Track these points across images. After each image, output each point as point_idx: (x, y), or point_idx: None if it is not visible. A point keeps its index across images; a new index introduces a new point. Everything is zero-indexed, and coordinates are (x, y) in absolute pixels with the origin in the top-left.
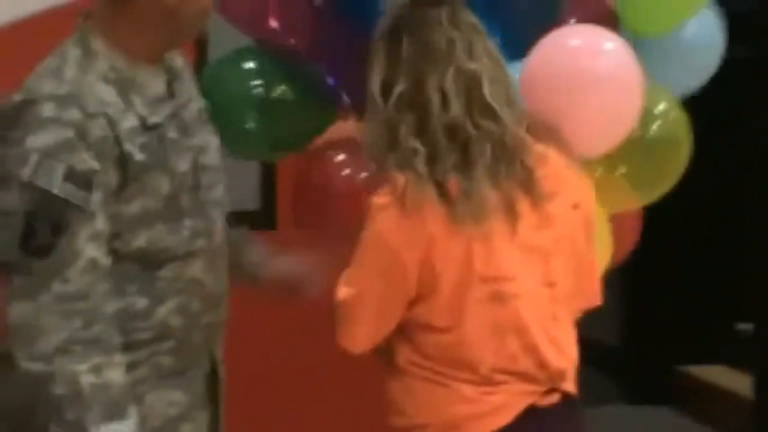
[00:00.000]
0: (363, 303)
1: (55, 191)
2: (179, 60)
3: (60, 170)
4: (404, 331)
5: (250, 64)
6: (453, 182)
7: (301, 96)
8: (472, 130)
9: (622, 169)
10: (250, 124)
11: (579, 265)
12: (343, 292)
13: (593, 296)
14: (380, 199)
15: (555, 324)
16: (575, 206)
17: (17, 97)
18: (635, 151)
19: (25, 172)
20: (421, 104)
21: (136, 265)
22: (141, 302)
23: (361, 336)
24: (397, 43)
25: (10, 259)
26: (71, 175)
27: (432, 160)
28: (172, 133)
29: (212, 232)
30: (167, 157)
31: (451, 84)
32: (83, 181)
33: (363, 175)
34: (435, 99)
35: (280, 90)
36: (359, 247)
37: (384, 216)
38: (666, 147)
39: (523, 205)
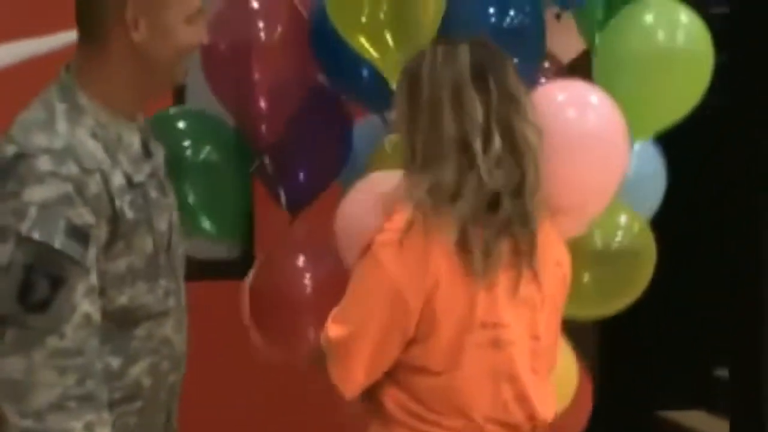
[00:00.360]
0: (360, 342)
1: (56, 245)
2: (141, 117)
3: (60, 225)
4: (393, 373)
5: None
6: (474, 232)
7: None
8: (503, 180)
9: (586, 278)
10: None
11: (557, 323)
12: (336, 330)
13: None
14: (385, 236)
15: (536, 377)
16: (557, 264)
17: (8, 150)
18: (599, 262)
19: (24, 226)
20: (465, 145)
21: (113, 324)
22: (115, 362)
23: (357, 376)
24: (481, 83)
25: (5, 312)
26: (70, 230)
27: (456, 201)
28: (153, 192)
29: (180, 291)
30: (151, 216)
31: (495, 127)
32: (81, 235)
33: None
34: (478, 142)
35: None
36: (356, 283)
37: (389, 254)
38: (630, 259)
39: (524, 260)
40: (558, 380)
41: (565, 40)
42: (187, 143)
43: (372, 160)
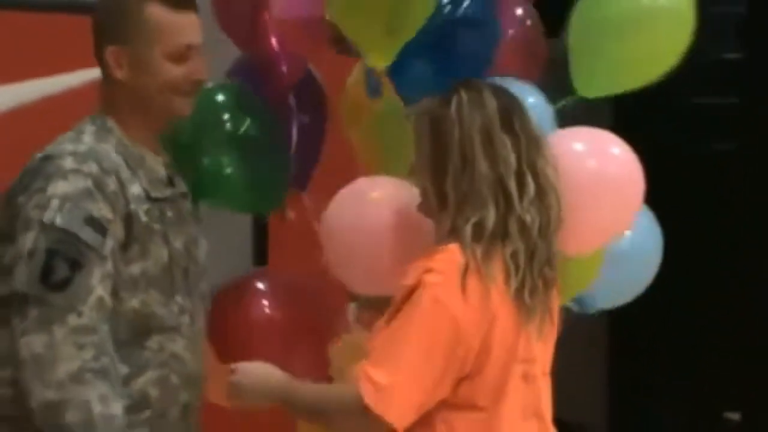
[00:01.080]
0: (416, 383)
1: (75, 231)
2: (164, 155)
3: (80, 215)
4: (434, 411)
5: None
6: (522, 273)
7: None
8: (537, 222)
9: None
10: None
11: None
12: (385, 375)
13: None
14: (438, 277)
15: (549, 413)
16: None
17: (38, 156)
18: None
19: (48, 215)
20: (502, 187)
21: (127, 331)
22: (122, 369)
23: (410, 417)
24: (509, 127)
25: (29, 292)
26: (89, 220)
27: (505, 243)
28: (169, 212)
29: (196, 315)
30: (167, 231)
31: (527, 170)
32: (99, 226)
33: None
34: (513, 185)
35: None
36: (407, 324)
37: (450, 295)
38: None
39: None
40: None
41: None
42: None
43: None
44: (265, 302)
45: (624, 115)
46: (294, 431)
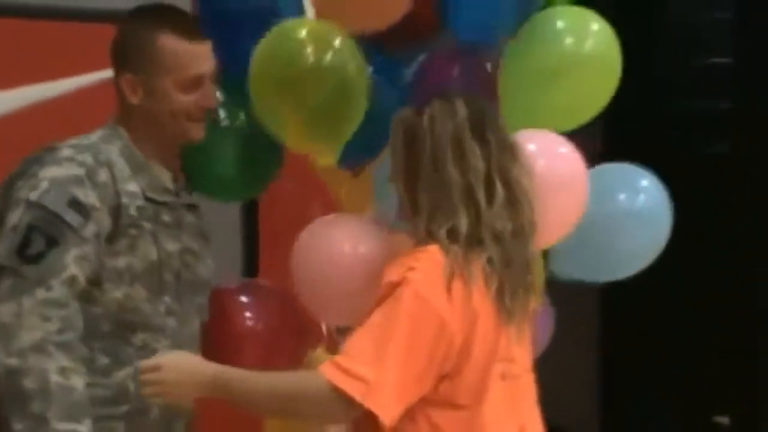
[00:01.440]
0: (399, 377)
1: (57, 210)
2: (177, 171)
3: (65, 197)
4: (416, 408)
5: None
6: (501, 276)
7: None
8: (510, 227)
9: None
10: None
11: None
12: (370, 371)
13: None
14: (421, 275)
15: (535, 411)
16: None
17: (44, 147)
18: None
19: (34, 194)
20: (470, 194)
21: (110, 324)
22: (103, 360)
23: (397, 410)
24: (479, 134)
25: (5, 264)
26: (74, 203)
27: (482, 249)
28: (166, 217)
29: (186, 320)
30: (158, 231)
31: (496, 176)
32: (83, 210)
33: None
34: (481, 192)
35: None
36: (390, 320)
37: (433, 293)
38: None
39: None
40: None
41: None
42: None
43: None
44: (249, 313)
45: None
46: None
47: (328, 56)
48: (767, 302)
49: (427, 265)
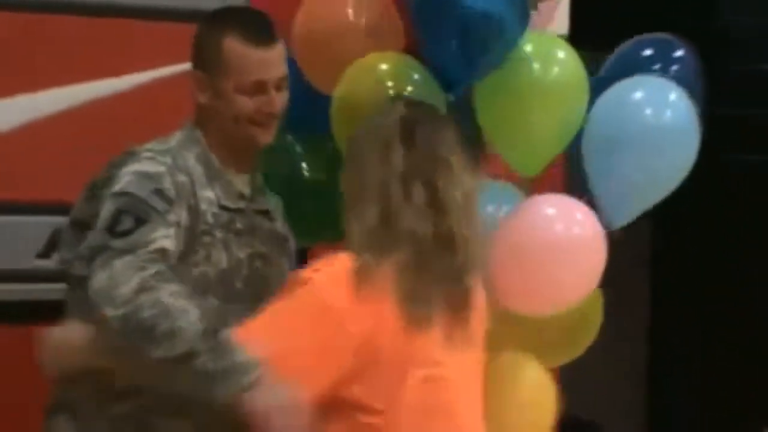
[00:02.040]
0: (295, 353)
1: (143, 196)
2: (255, 174)
3: (149, 186)
4: (339, 410)
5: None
6: (413, 281)
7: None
8: (431, 234)
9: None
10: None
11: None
12: (265, 345)
13: None
14: (322, 275)
15: (475, 412)
16: (480, 308)
17: (125, 151)
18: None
19: (119, 186)
20: (385, 192)
21: None
22: None
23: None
24: (408, 138)
25: (96, 244)
26: (158, 191)
27: (393, 252)
28: (239, 224)
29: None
30: (229, 238)
31: (415, 180)
32: (167, 198)
33: None
34: (398, 191)
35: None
36: (285, 306)
37: (328, 285)
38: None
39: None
40: None
41: None
42: None
43: None
44: None
45: None
46: None
47: None
48: None
49: (333, 269)
